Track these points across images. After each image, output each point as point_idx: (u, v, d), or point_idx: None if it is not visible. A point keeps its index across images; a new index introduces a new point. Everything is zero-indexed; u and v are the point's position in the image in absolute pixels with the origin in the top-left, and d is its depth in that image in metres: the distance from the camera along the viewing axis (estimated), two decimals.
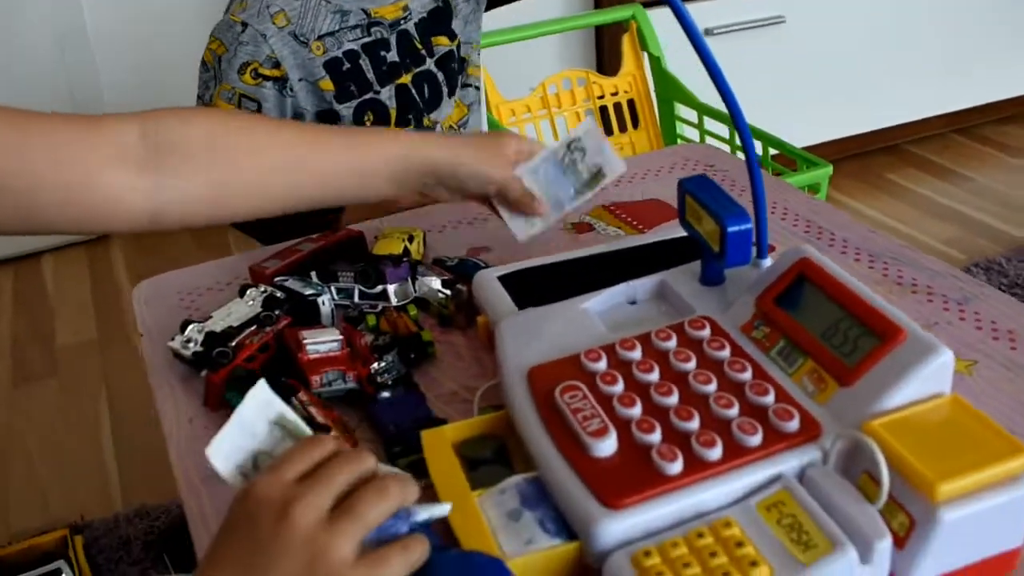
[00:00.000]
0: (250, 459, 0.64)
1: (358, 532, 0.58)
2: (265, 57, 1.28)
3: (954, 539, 0.62)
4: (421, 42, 1.40)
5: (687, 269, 0.88)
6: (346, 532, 0.57)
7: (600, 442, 0.68)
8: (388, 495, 0.60)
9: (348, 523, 0.57)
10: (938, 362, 0.68)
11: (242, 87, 1.28)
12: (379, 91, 1.36)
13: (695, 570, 0.61)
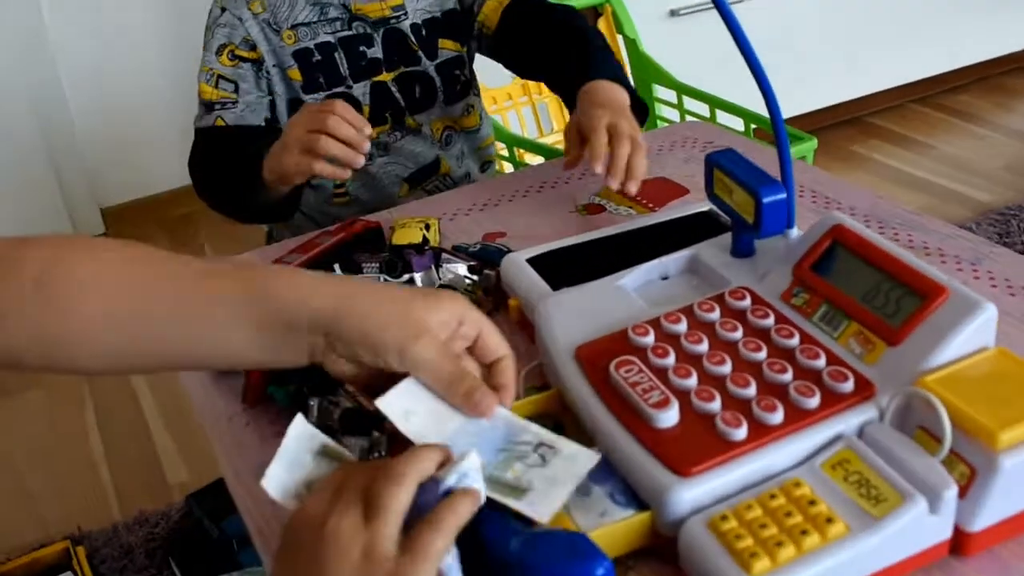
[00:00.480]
0: (303, 486, 0.66)
1: (389, 524, 0.59)
2: (241, 39, 1.32)
3: (1014, 484, 0.64)
4: (422, 42, 1.40)
5: (717, 242, 0.90)
6: (378, 529, 0.59)
7: (663, 413, 0.69)
8: (401, 479, 0.61)
9: (377, 520, 0.59)
10: (983, 317, 0.70)
11: (219, 68, 1.33)
12: (352, 86, 1.37)
13: (772, 531, 0.62)
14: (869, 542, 0.62)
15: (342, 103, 1.14)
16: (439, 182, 1.46)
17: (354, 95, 1.37)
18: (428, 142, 1.43)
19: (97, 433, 2.26)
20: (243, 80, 1.32)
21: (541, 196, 1.21)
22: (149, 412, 2.31)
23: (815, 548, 0.61)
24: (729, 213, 0.87)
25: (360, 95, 1.37)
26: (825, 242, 0.80)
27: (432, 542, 0.59)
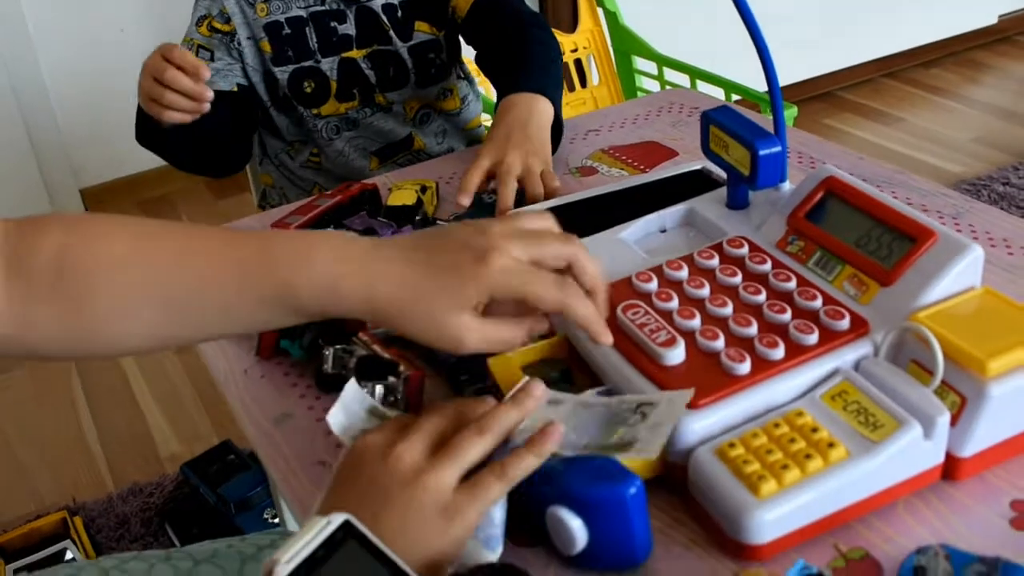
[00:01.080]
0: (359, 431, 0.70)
1: (456, 466, 0.63)
2: (219, 12, 1.38)
3: (1002, 413, 0.69)
4: (396, 23, 1.42)
5: (712, 196, 0.94)
6: (444, 465, 0.63)
7: (671, 351, 0.73)
8: (485, 430, 0.65)
9: (447, 459, 0.63)
10: (970, 257, 0.74)
11: (199, 38, 1.39)
12: (320, 60, 1.40)
13: (777, 455, 0.66)
14: (869, 464, 0.66)
15: (179, 50, 1.17)
16: (412, 156, 1.48)
17: (322, 69, 1.40)
18: (400, 120, 1.46)
19: (87, 409, 2.27)
20: (217, 50, 1.39)
21: None
22: (137, 386, 2.33)
23: (818, 471, 0.66)
24: (725, 167, 0.91)
25: (328, 70, 1.40)
26: (818, 192, 0.84)
27: (492, 487, 0.63)
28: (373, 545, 0.58)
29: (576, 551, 0.65)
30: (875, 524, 0.68)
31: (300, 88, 1.40)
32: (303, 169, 1.49)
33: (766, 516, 0.64)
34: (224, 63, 1.39)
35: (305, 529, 0.58)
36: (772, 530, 0.65)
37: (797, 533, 0.66)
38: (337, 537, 0.58)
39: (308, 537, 0.57)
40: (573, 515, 0.65)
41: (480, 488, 0.63)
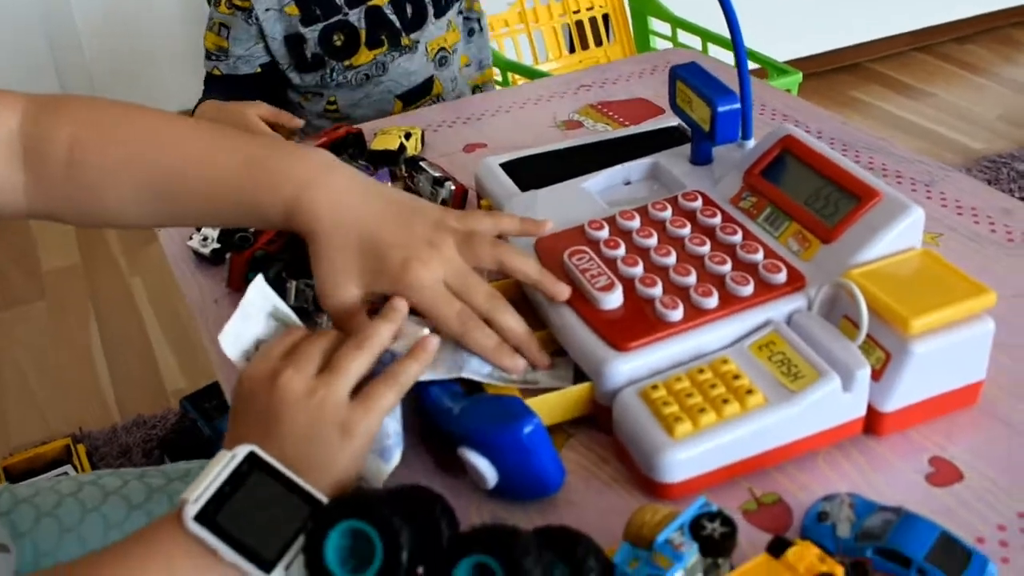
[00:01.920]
0: (254, 347, 0.70)
1: (344, 382, 0.64)
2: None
3: (924, 371, 0.70)
4: None
5: (678, 151, 0.95)
6: (332, 383, 0.64)
7: (607, 295, 0.75)
8: (362, 345, 0.66)
9: (334, 375, 0.64)
10: (910, 219, 0.75)
11: (219, 16, 1.45)
12: (347, 13, 1.43)
13: (697, 399, 0.68)
14: (785, 412, 0.68)
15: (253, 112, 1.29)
16: (432, 102, 1.51)
17: (350, 21, 1.43)
18: (423, 60, 1.49)
19: (99, 344, 2.33)
20: (234, 27, 1.43)
21: (523, 112, 1.26)
22: (150, 325, 2.38)
23: (734, 416, 0.68)
24: (689, 123, 0.92)
25: (355, 20, 1.43)
26: (775, 151, 0.85)
27: (384, 395, 0.65)
28: (279, 473, 0.59)
29: (490, 487, 0.68)
30: (793, 473, 0.70)
31: (330, 43, 1.44)
32: (320, 119, 1.52)
33: (678, 456, 0.66)
34: (244, 48, 1.44)
35: (211, 465, 0.59)
36: (684, 470, 0.67)
37: (711, 475, 0.68)
38: (243, 469, 0.58)
39: (214, 473, 0.58)
40: (479, 456, 0.67)
41: (373, 398, 0.64)
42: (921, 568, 0.58)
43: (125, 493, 0.97)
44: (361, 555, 0.55)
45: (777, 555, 0.59)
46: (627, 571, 0.57)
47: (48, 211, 0.79)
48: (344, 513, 0.55)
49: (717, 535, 0.59)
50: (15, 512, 0.92)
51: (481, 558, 0.51)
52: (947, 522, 0.64)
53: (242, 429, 0.64)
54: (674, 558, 0.57)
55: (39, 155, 0.76)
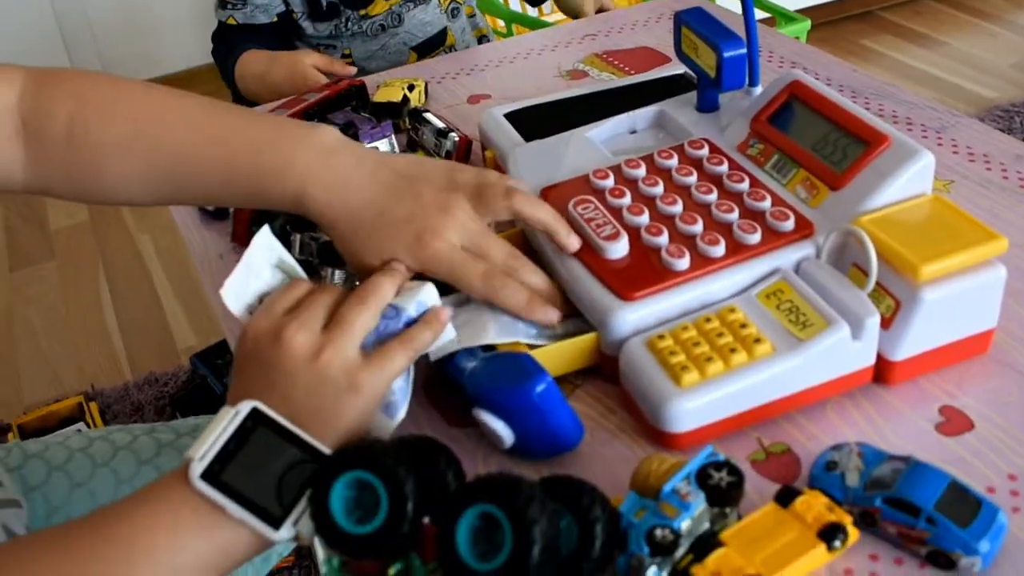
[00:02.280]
0: (257, 300, 0.69)
1: (351, 338, 0.63)
2: None
3: (934, 318, 0.69)
4: None
5: (684, 99, 0.94)
6: (339, 340, 0.63)
7: (613, 244, 0.74)
8: (366, 301, 0.65)
9: (339, 332, 0.63)
10: (920, 164, 0.74)
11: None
12: None
13: (703, 348, 0.68)
14: (792, 361, 0.67)
15: None
16: (445, 53, 1.50)
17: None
18: (437, 11, 1.48)
19: (110, 303, 2.33)
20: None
21: (527, 62, 1.25)
22: (160, 283, 2.38)
23: (742, 365, 0.67)
24: (695, 70, 0.90)
25: None
26: (783, 96, 0.84)
27: (396, 357, 0.64)
28: (283, 428, 0.59)
29: (507, 446, 0.68)
30: (802, 422, 0.70)
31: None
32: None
33: (686, 405, 0.66)
34: None
35: (215, 422, 0.58)
36: (691, 420, 0.66)
37: (718, 424, 0.68)
38: (247, 426, 0.58)
39: (219, 430, 0.57)
40: (494, 417, 0.66)
41: (387, 359, 0.64)
42: (930, 517, 0.58)
43: (135, 448, 0.97)
44: (366, 506, 0.55)
45: (785, 504, 0.59)
46: (633, 520, 0.57)
47: (45, 186, 0.78)
48: (348, 464, 0.55)
49: (724, 484, 0.58)
50: (26, 467, 0.92)
51: (485, 507, 0.51)
52: (958, 472, 0.63)
53: (246, 384, 0.63)
54: (681, 507, 0.57)
55: (38, 130, 0.75)
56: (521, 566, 0.49)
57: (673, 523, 0.56)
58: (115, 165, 0.75)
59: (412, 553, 0.54)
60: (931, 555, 0.59)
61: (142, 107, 0.77)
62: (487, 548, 0.50)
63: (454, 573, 0.51)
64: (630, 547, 0.56)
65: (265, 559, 0.98)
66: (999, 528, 0.58)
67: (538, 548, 0.49)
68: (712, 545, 0.56)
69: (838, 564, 0.60)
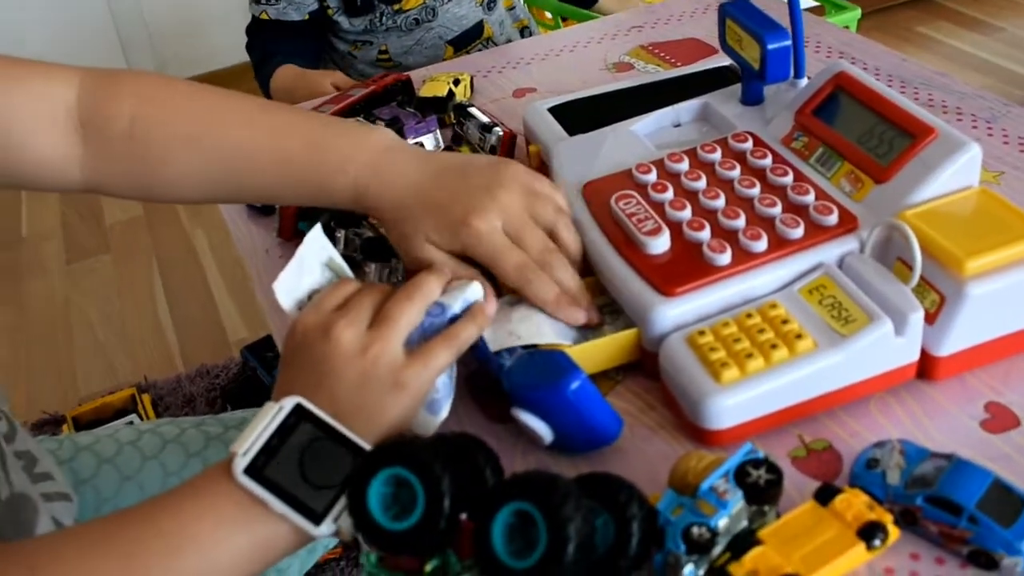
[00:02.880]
0: (307, 297, 0.70)
1: (397, 334, 0.64)
2: None
3: (980, 313, 0.68)
4: None
5: (728, 91, 0.93)
6: (386, 336, 0.63)
7: (654, 240, 0.74)
8: (412, 297, 0.66)
9: (385, 328, 0.64)
10: (967, 156, 0.73)
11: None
12: None
13: (744, 344, 0.67)
14: (834, 358, 0.66)
15: None
16: (482, 46, 1.50)
17: None
18: (471, 4, 1.48)
19: (163, 296, 2.37)
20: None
21: (573, 55, 1.25)
22: (212, 277, 2.41)
23: (782, 361, 0.66)
24: (739, 62, 0.90)
25: None
26: (828, 88, 0.83)
27: (440, 354, 0.65)
28: (327, 424, 0.59)
29: (547, 443, 0.68)
30: (843, 419, 0.69)
31: None
32: (373, 68, 1.52)
33: (725, 402, 0.65)
34: None
35: (259, 417, 0.59)
36: (731, 416, 0.66)
37: (759, 421, 0.67)
38: (290, 422, 0.58)
39: (262, 426, 0.58)
40: (532, 415, 0.66)
41: (431, 356, 0.64)
42: (972, 516, 0.57)
43: (183, 441, 0.98)
44: (404, 502, 0.55)
45: (825, 503, 0.58)
46: (670, 518, 0.56)
47: (103, 185, 0.79)
48: (386, 460, 0.55)
49: (762, 482, 0.58)
50: (76, 460, 0.94)
51: (521, 505, 0.51)
52: (1002, 470, 0.62)
53: (292, 379, 0.64)
54: (718, 505, 0.56)
55: (99, 128, 0.77)
56: (556, 564, 0.49)
57: (710, 521, 0.56)
58: (177, 162, 0.78)
59: (449, 550, 0.54)
60: (973, 555, 0.58)
61: (201, 105, 0.79)
62: (523, 545, 0.51)
63: (489, 570, 0.51)
64: (667, 545, 0.56)
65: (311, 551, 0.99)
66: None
67: (573, 546, 0.49)
68: (750, 543, 0.56)
69: (878, 563, 0.59)
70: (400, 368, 0.63)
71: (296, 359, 0.65)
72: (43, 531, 0.79)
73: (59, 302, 2.40)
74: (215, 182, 0.79)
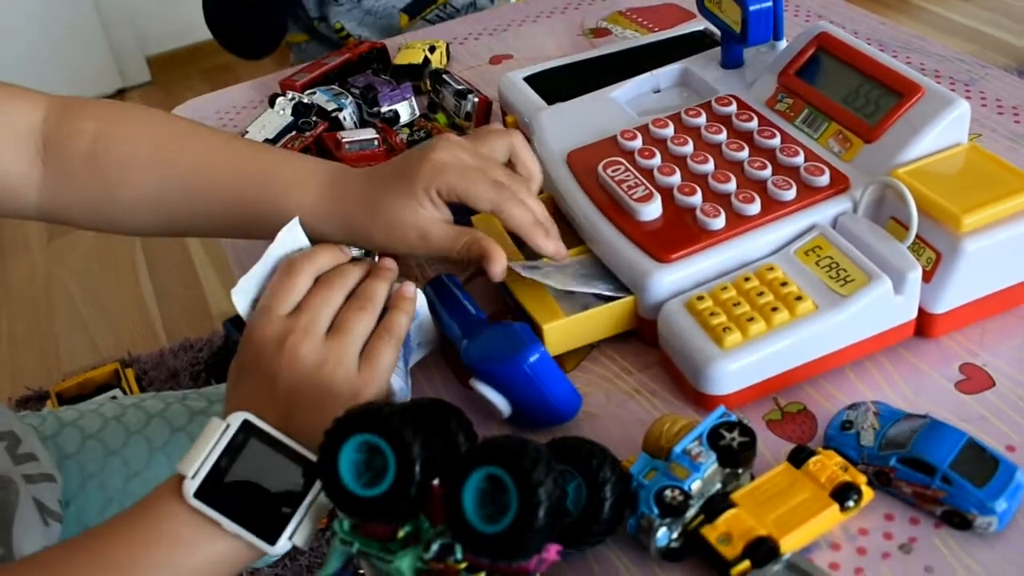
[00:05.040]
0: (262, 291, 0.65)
1: (353, 346, 0.62)
2: None
3: (976, 269, 0.68)
4: None
5: (707, 55, 0.92)
6: (342, 351, 0.62)
7: (646, 206, 0.73)
8: (368, 307, 0.64)
9: (342, 342, 0.62)
10: (955, 113, 0.72)
11: None
12: None
13: (744, 308, 0.66)
14: (835, 318, 0.66)
15: None
16: (440, 12, 1.47)
17: None
18: None
19: (146, 270, 2.35)
20: None
21: (550, 21, 1.23)
22: (194, 250, 2.39)
23: (784, 323, 0.66)
24: (718, 25, 0.88)
25: None
26: (810, 49, 0.82)
27: (384, 353, 0.63)
28: (277, 440, 0.57)
29: (504, 417, 0.67)
30: (819, 382, 0.69)
31: None
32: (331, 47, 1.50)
33: (729, 367, 0.65)
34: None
35: (206, 435, 0.56)
36: (735, 381, 0.66)
37: (763, 384, 0.67)
38: (239, 439, 0.56)
39: (210, 445, 0.56)
40: (489, 388, 0.66)
41: (376, 359, 0.63)
42: (945, 476, 0.57)
43: (167, 416, 0.97)
44: (376, 469, 0.53)
45: (798, 464, 0.58)
46: (643, 482, 0.56)
47: (59, 209, 0.76)
48: (356, 427, 0.53)
49: (736, 445, 0.57)
50: (61, 435, 0.93)
51: (491, 469, 0.50)
52: (977, 430, 0.62)
53: (246, 391, 0.62)
54: (691, 468, 0.56)
55: (60, 149, 0.75)
56: (527, 528, 0.48)
57: (683, 484, 0.55)
58: (135, 184, 0.75)
59: (421, 515, 0.53)
60: (946, 514, 0.58)
61: (164, 130, 0.77)
62: (494, 510, 0.50)
63: (461, 535, 0.50)
64: (640, 508, 0.56)
65: None
66: (1017, 487, 0.57)
67: (544, 509, 0.48)
68: (723, 506, 0.56)
69: (853, 524, 0.59)
70: (355, 379, 0.62)
71: (249, 371, 0.62)
72: (23, 514, 0.78)
73: (41, 277, 2.38)
74: (172, 203, 0.75)
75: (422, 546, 0.52)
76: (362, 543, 0.54)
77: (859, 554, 0.57)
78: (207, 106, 1.17)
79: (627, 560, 0.58)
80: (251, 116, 1.08)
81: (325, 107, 1.01)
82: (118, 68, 3.11)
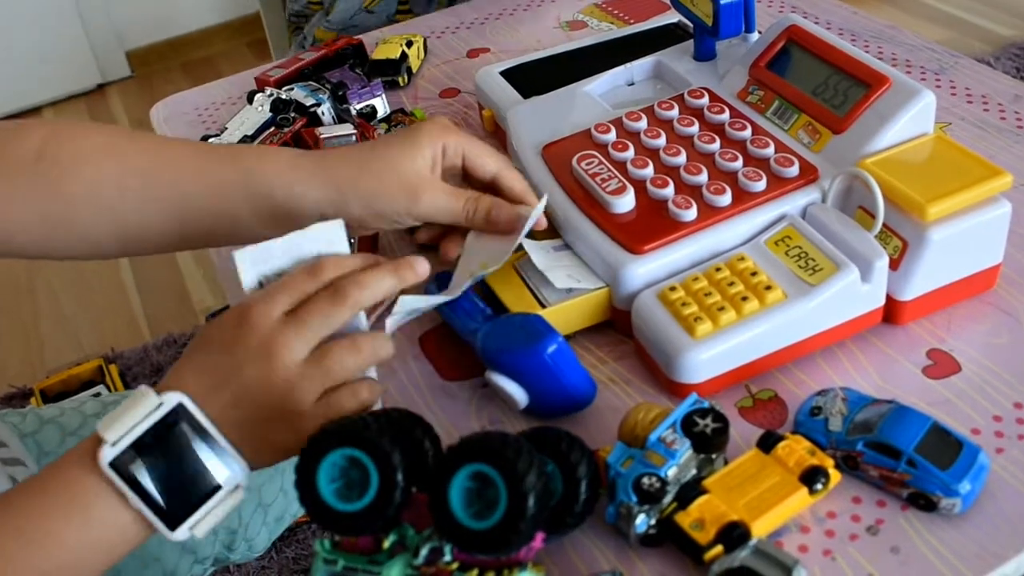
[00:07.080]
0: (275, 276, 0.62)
1: (306, 337, 0.58)
2: None
3: (942, 257, 0.69)
4: None
5: (680, 48, 0.93)
6: (292, 336, 0.57)
7: (619, 199, 0.74)
8: (340, 303, 0.59)
9: (295, 327, 0.58)
10: (921, 104, 0.74)
11: None
12: None
13: (716, 298, 0.68)
14: (804, 307, 0.67)
15: None
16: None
17: None
18: None
19: (128, 266, 2.35)
20: None
21: (527, 14, 1.24)
22: None
23: (754, 313, 0.67)
24: (691, 18, 0.89)
25: None
26: (780, 42, 0.83)
27: (344, 356, 0.59)
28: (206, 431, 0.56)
29: (521, 408, 0.68)
30: (790, 368, 0.70)
31: None
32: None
33: (700, 356, 0.66)
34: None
35: (135, 404, 0.55)
36: (707, 369, 0.67)
37: (734, 373, 0.68)
38: (169, 420, 0.55)
39: (139, 416, 0.54)
40: (507, 379, 0.66)
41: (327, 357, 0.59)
42: (911, 459, 0.58)
43: None
44: (355, 483, 0.54)
45: (767, 450, 0.60)
46: (621, 470, 0.57)
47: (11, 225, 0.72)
48: (333, 443, 0.54)
49: (709, 431, 0.59)
50: (41, 433, 0.93)
51: (476, 466, 0.51)
52: (944, 414, 0.64)
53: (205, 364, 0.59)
54: (667, 455, 0.57)
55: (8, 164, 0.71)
56: (519, 518, 0.50)
57: (660, 471, 0.57)
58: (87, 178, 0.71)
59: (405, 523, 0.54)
60: (912, 497, 0.59)
61: (120, 131, 0.75)
62: (481, 507, 0.51)
63: (453, 535, 0.51)
64: (619, 496, 0.57)
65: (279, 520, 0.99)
66: (980, 469, 0.59)
67: (533, 499, 0.50)
68: (695, 493, 0.57)
69: (821, 507, 0.60)
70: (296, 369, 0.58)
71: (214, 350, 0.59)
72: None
73: (22, 272, 2.38)
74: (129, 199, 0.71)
75: (410, 553, 0.53)
76: (347, 559, 0.54)
77: (828, 536, 0.59)
78: (186, 102, 1.17)
79: (604, 547, 0.60)
80: (230, 112, 1.09)
81: (304, 102, 1.02)
82: (97, 63, 3.10)
